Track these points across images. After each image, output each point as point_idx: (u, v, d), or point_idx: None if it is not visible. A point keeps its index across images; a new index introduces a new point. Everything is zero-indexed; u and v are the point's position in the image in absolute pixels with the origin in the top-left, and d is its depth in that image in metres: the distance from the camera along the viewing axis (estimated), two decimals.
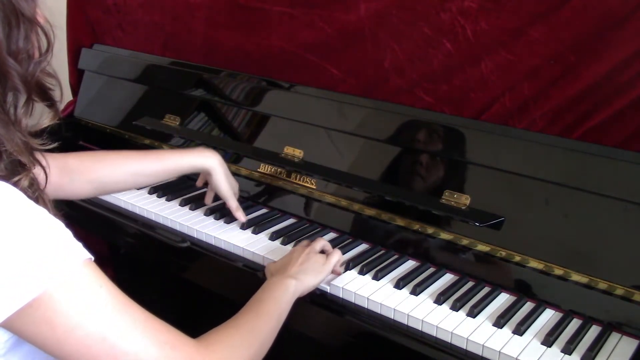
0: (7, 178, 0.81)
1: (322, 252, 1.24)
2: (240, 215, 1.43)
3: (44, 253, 0.75)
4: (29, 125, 0.88)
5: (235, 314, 1.05)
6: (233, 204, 1.42)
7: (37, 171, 0.89)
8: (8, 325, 0.76)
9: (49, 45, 0.88)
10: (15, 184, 0.81)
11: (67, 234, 0.79)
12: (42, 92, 0.90)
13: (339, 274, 1.23)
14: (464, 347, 1.06)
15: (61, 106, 0.97)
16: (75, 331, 0.76)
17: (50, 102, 0.92)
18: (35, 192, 0.85)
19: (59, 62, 2.32)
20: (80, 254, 0.79)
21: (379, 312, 1.16)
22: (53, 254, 0.76)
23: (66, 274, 0.76)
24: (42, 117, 0.93)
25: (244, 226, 1.43)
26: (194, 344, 0.85)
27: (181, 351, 0.82)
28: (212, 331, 0.93)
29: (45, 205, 0.84)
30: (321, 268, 1.17)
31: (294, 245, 1.34)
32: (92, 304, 0.77)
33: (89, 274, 0.79)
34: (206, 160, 1.40)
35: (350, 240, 1.38)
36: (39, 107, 0.91)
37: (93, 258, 0.80)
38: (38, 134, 0.91)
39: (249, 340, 0.95)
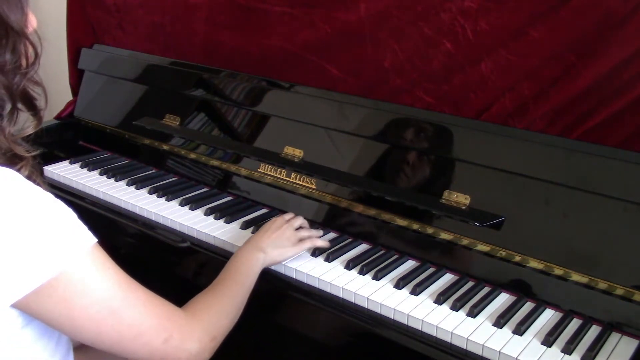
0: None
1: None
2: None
3: (58, 235, 0.81)
4: (12, 132, 0.90)
5: None
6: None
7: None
8: (24, 305, 0.80)
9: (37, 56, 0.91)
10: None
11: (74, 216, 0.85)
12: (27, 102, 0.93)
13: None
14: (464, 347, 1.07)
15: (52, 106, 0.98)
16: (89, 308, 0.83)
17: (34, 111, 0.95)
18: (35, 181, 0.88)
19: (59, 62, 2.33)
20: (90, 238, 0.84)
21: (379, 312, 1.16)
22: (67, 236, 0.81)
23: (81, 256, 0.82)
24: (25, 123, 0.94)
25: (243, 226, 1.43)
26: (184, 314, 0.95)
27: (174, 322, 0.92)
28: (195, 300, 1.02)
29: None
30: (290, 248, 1.26)
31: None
32: (104, 283, 0.84)
33: (99, 256, 0.85)
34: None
35: (351, 240, 1.38)
36: (22, 114, 0.93)
37: (97, 240, 0.86)
38: (24, 139, 0.93)
39: (227, 308, 1.05)
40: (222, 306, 1.04)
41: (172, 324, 0.91)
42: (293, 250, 1.27)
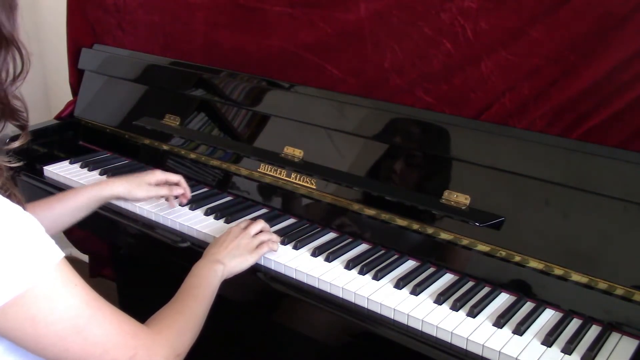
0: None
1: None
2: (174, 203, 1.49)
3: (24, 251, 0.79)
4: None
5: (232, 313, 1.06)
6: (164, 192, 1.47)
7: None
8: None
9: (23, 70, 0.91)
10: None
11: (41, 231, 0.83)
12: (13, 114, 0.92)
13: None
14: (464, 347, 1.07)
15: (52, 106, 0.99)
16: (54, 325, 0.82)
17: (21, 124, 0.95)
18: (7, 191, 0.87)
19: (59, 62, 2.32)
20: (57, 253, 0.83)
21: (379, 312, 1.16)
22: (34, 253, 0.80)
23: (48, 272, 0.81)
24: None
25: None
26: (148, 332, 0.94)
27: (140, 339, 0.91)
28: (158, 316, 1.01)
29: (19, 202, 0.86)
30: (248, 256, 1.26)
31: (294, 246, 1.34)
32: (70, 300, 0.83)
33: (66, 272, 0.84)
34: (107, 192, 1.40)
35: (351, 240, 1.38)
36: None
37: (64, 255, 0.85)
38: (5, 152, 0.92)
39: (190, 323, 1.04)
40: (183, 323, 1.03)
41: (137, 342, 0.90)
42: (252, 257, 1.26)
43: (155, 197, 1.46)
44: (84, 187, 1.40)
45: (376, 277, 1.23)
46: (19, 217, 0.81)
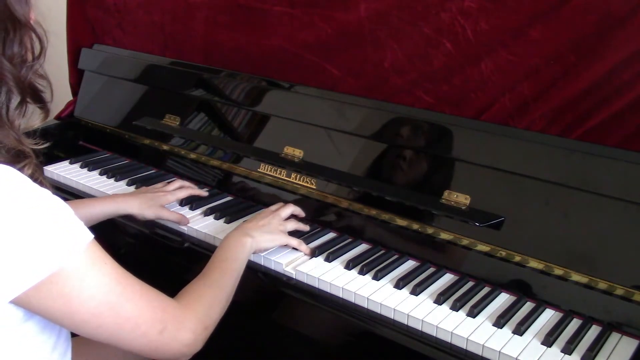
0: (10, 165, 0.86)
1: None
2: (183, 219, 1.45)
3: (56, 232, 0.82)
4: (21, 126, 0.92)
5: (233, 312, 1.07)
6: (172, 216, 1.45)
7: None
8: (24, 301, 0.82)
9: (42, 49, 0.93)
10: (19, 171, 0.86)
11: (71, 213, 0.86)
12: (34, 94, 0.95)
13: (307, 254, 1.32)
14: (464, 347, 1.07)
15: (52, 106, 1.00)
16: (88, 302, 0.85)
17: (42, 103, 0.97)
18: (37, 179, 0.89)
19: (59, 62, 2.32)
20: (87, 235, 0.86)
21: (379, 312, 1.16)
22: (65, 233, 0.83)
23: (79, 252, 0.83)
24: (31, 116, 0.96)
25: None
26: (177, 305, 0.97)
27: (169, 313, 0.94)
28: (186, 291, 1.05)
29: (48, 189, 0.88)
30: (277, 235, 1.30)
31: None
32: (102, 278, 0.86)
33: (96, 251, 0.87)
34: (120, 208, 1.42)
35: (351, 240, 1.38)
36: (30, 107, 0.94)
37: (94, 236, 0.87)
38: (30, 134, 0.95)
39: (219, 297, 1.07)
40: (212, 296, 1.06)
41: (167, 315, 0.93)
42: (282, 238, 1.30)
43: (162, 219, 1.46)
44: (101, 201, 1.42)
45: (376, 277, 1.23)
46: (49, 200, 0.84)
